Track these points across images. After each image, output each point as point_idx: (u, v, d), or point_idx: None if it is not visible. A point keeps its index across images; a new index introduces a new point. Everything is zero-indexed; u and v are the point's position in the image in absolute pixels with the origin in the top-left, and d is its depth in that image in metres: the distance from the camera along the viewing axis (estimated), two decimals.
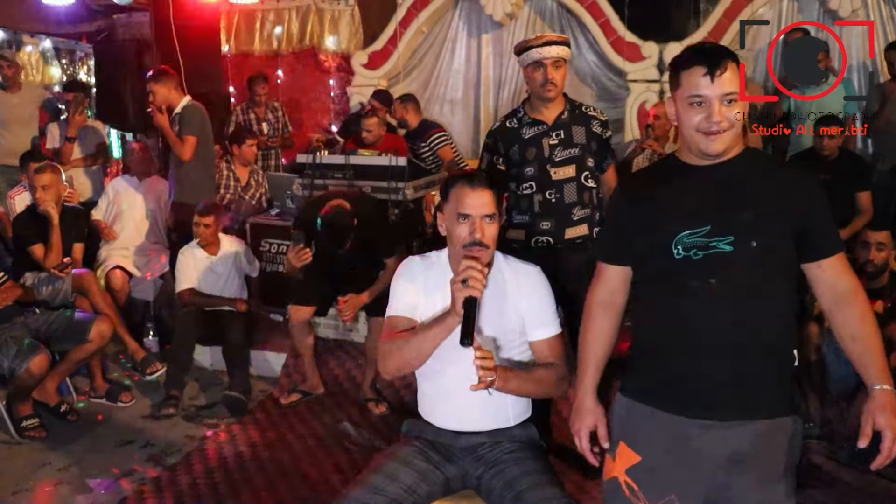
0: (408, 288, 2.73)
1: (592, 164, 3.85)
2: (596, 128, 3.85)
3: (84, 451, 4.39)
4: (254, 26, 8.25)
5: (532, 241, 3.82)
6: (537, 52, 3.69)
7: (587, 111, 3.90)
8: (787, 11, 7.17)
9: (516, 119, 3.90)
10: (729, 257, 2.03)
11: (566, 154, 3.78)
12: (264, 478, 4.07)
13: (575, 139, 3.80)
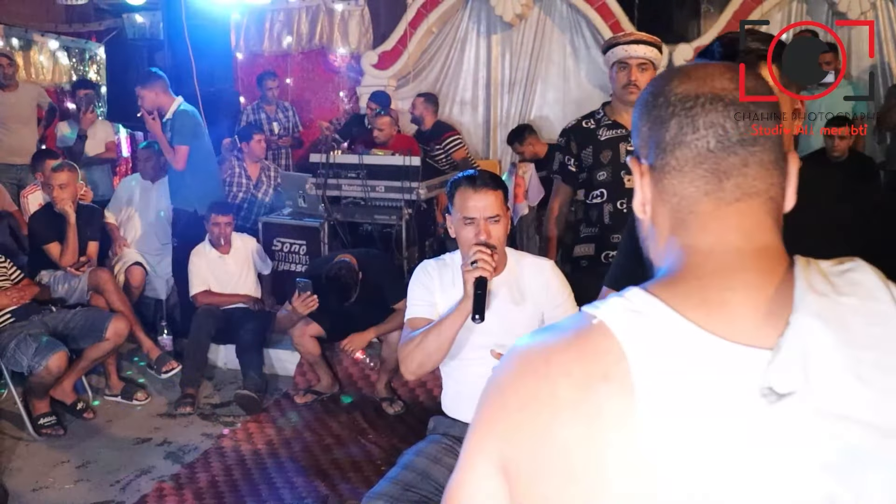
0: (425, 288, 2.76)
1: None
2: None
3: (102, 449, 4.41)
4: (263, 26, 8.26)
5: (602, 255, 3.53)
6: (623, 50, 3.45)
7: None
8: (796, 13, 7.19)
9: (594, 120, 3.66)
10: None
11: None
12: (282, 475, 4.09)
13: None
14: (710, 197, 0.91)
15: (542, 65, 7.79)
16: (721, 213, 0.91)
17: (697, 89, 0.92)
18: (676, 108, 0.93)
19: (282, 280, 5.99)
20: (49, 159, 5.73)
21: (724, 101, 0.91)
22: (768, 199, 0.92)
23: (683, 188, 0.92)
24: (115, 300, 5.00)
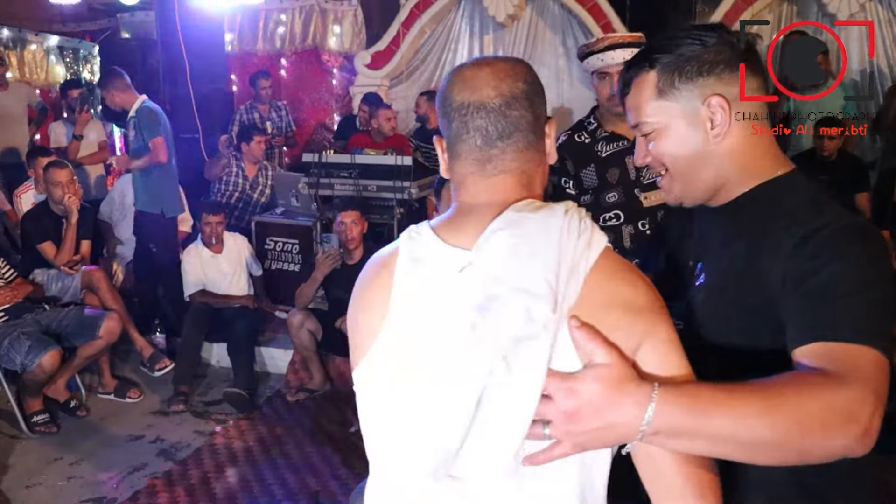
0: None
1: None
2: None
3: (95, 446, 4.44)
4: (257, 25, 8.29)
5: None
6: (599, 60, 3.04)
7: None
8: (787, 14, 7.25)
9: (586, 132, 3.19)
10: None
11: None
12: (274, 472, 4.12)
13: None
14: (474, 176, 1.30)
15: (535, 65, 7.54)
16: (481, 184, 1.29)
17: (469, 98, 1.27)
18: (455, 115, 1.28)
19: (274, 279, 6.03)
20: (42, 157, 5.77)
21: (486, 108, 1.26)
22: (521, 173, 1.29)
23: (461, 168, 1.31)
24: (108, 299, 5.02)
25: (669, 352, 1.21)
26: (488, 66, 1.29)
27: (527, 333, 1.13)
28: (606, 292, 1.20)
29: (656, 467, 1.22)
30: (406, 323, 1.24)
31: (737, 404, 1.11)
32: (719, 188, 1.47)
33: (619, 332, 1.18)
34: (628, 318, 1.19)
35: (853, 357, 1.18)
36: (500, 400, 1.14)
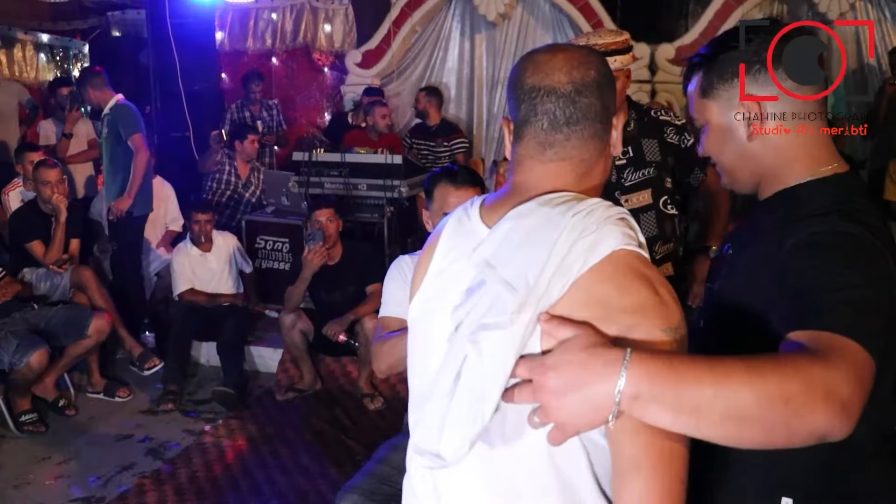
0: (399, 287, 2.74)
1: (671, 186, 3.10)
2: (671, 137, 3.08)
3: (83, 446, 4.44)
4: (248, 24, 8.28)
5: None
6: None
7: (658, 116, 3.14)
8: (777, 14, 7.26)
9: None
10: None
11: (639, 176, 3.04)
12: (263, 471, 4.13)
13: (648, 156, 3.06)
14: (533, 160, 1.32)
15: None
16: (538, 168, 1.32)
17: (540, 82, 1.29)
18: (525, 97, 1.30)
19: (265, 278, 6.02)
20: (29, 152, 5.76)
21: (556, 93, 1.28)
22: (579, 162, 1.32)
23: (522, 150, 1.34)
24: (97, 298, 5.01)
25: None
26: (562, 52, 1.32)
27: (494, 322, 1.18)
28: (591, 293, 1.18)
29: (617, 441, 1.18)
30: (433, 291, 1.37)
31: (718, 373, 1.10)
32: (759, 183, 1.54)
33: (603, 322, 1.17)
34: (599, 317, 1.17)
35: (840, 345, 1.18)
36: (471, 381, 1.19)
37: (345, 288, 4.93)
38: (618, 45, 2.94)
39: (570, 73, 1.28)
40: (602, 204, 1.25)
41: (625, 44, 2.96)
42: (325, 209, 4.91)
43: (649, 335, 1.16)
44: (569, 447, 1.20)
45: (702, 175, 3.13)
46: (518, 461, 1.25)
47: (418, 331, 1.42)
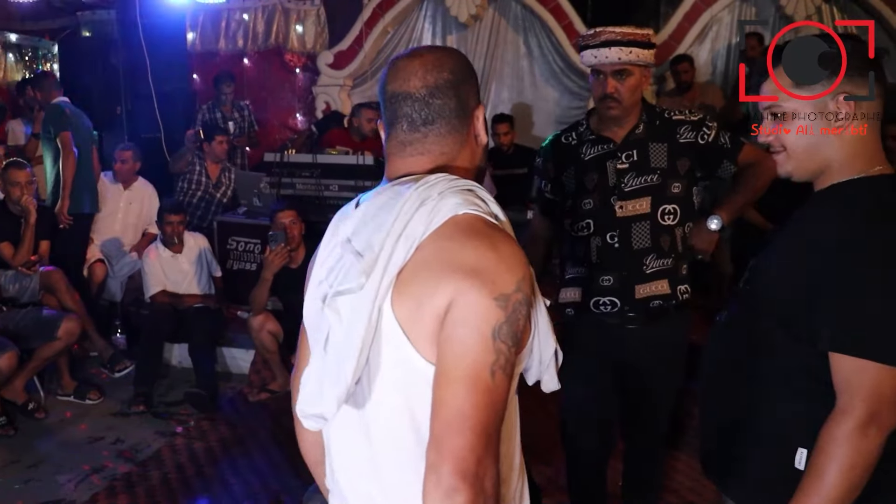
0: None
1: (680, 191, 2.84)
2: (687, 135, 2.84)
3: (53, 449, 4.41)
4: (219, 25, 8.24)
5: (591, 302, 2.87)
6: (592, 56, 2.73)
7: (672, 116, 2.89)
8: (745, 14, 7.35)
9: (575, 134, 2.95)
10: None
11: (639, 182, 2.81)
12: (235, 472, 4.12)
13: (653, 161, 2.82)
14: (394, 157, 1.44)
15: (497, 65, 7.89)
16: (398, 163, 1.43)
17: (398, 88, 1.41)
18: (387, 102, 1.43)
19: (237, 279, 6.00)
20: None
21: (412, 97, 1.40)
22: (439, 155, 1.42)
23: (389, 149, 1.45)
24: (66, 299, 4.99)
25: (460, 322, 1.23)
26: (419, 56, 1.43)
27: (346, 288, 1.31)
28: (430, 251, 1.28)
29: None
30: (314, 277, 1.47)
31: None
32: (823, 173, 1.70)
33: (428, 288, 1.26)
34: (439, 273, 1.25)
35: (858, 375, 1.52)
36: (335, 345, 1.32)
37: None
38: (636, 37, 2.72)
39: (424, 77, 1.40)
40: (448, 177, 1.36)
41: (645, 37, 2.75)
42: (288, 211, 4.92)
43: (476, 305, 1.23)
44: (426, 402, 1.26)
45: (733, 167, 2.89)
46: (380, 419, 1.35)
47: (306, 314, 1.49)
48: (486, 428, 1.21)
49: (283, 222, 4.86)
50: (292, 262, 4.94)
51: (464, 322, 1.22)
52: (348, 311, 1.30)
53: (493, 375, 1.22)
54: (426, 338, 1.26)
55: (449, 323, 1.23)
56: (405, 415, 1.31)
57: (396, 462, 1.34)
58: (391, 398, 1.32)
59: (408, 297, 1.27)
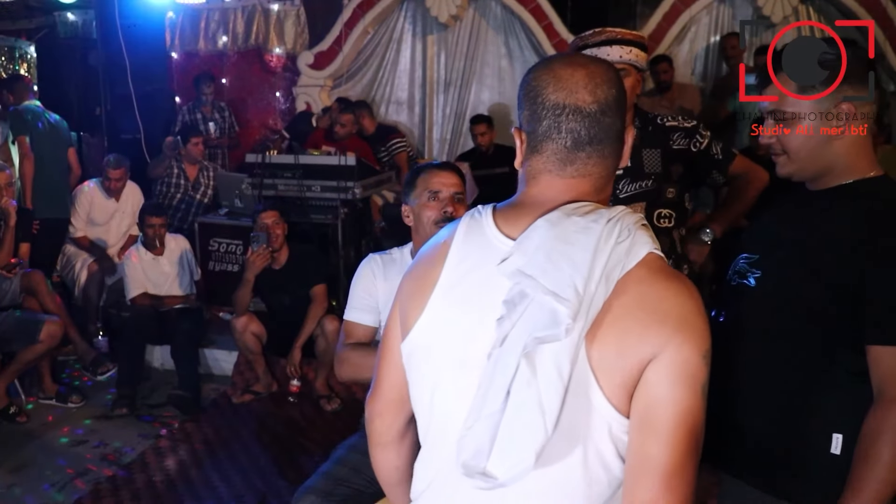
0: (367, 289, 2.73)
1: (674, 196, 2.92)
2: (680, 142, 2.87)
3: (36, 453, 4.38)
4: (199, 25, 8.19)
5: None
6: (592, 54, 2.67)
7: (664, 122, 2.91)
8: (723, 15, 7.41)
9: None
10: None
11: (634, 188, 2.84)
12: (220, 474, 4.12)
13: (647, 167, 2.86)
14: (552, 174, 1.33)
15: (477, 65, 7.90)
16: (557, 183, 1.33)
17: (565, 99, 1.29)
18: (548, 113, 1.30)
19: (219, 280, 5.99)
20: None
21: (582, 112, 1.29)
22: (598, 178, 1.34)
23: (539, 164, 1.34)
24: (48, 302, 4.96)
25: (678, 381, 1.19)
26: (583, 67, 1.30)
27: (549, 335, 1.17)
28: (632, 296, 1.21)
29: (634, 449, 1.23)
30: (456, 296, 1.33)
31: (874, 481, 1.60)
32: (824, 175, 1.76)
33: (632, 336, 1.20)
34: (646, 322, 1.20)
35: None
36: (526, 398, 1.17)
37: (293, 291, 4.95)
38: (637, 38, 2.76)
39: (594, 91, 1.29)
40: (626, 210, 1.29)
41: (644, 40, 2.77)
42: (271, 211, 4.92)
43: (690, 363, 1.21)
44: (607, 459, 1.25)
45: (722, 179, 2.95)
46: (554, 476, 1.25)
47: (435, 347, 1.35)
48: (693, 485, 1.21)
49: (266, 223, 4.86)
50: (275, 262, 4.94)
51: (681, 380, 1.20)
52: (549, 359, 1.18)
53: (702, 434, 1.22)
54: (621, 387, 1.21)
55: (661, 378, 1.20)
56: (578, 468, 1.25)
57: None
58: (568, 448, 1.23)
59: (607, 344, 1.21)
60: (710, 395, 1.29)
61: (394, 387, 1.50)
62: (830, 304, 1.66)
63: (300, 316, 4.88)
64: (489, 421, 1.20)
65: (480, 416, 1.21)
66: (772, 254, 1.82)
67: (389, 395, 1.52)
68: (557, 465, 1.23)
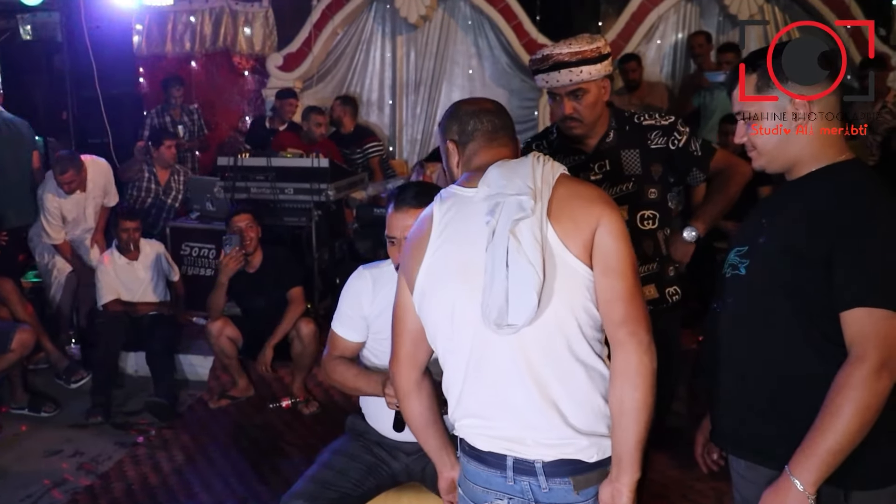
0: (353, 304, 2.72)
1: (657, 196, 2.86)
2: (658, 141, 2.84)
3: (10, 464, 4.32)
4: (166, 27, 8.12)
5: None
6: (544, 80, 2.72)
7: (641, 121, 2.87)
8: (690, 15, 7.49)
9: (546, 142, 2.98)
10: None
11: (615, 192, 2.79)
12: (200, 480, 4.09)
13: (626, 169, 2.83)
14: (485, 148, 2.00)
15: (447, 65, 7.92)
16: (490, 152, 1.99)
17: (477, 107, 2.05)
18: (469, 117, 2.02)
19: (191, 284, 5.93)
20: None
21: (490, 111, 2.04)
22: (512, 148, 2.05)
23: (475, 146, 2.01)
24: (18, 310, 4.89)
25: (618, 238, 1.81)
26: (477, 98, 2.17)
27: (522, 215, 1.76)
28: (567, 190, 1.85)
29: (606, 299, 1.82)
30: (446, 237, 1.88)
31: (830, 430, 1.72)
32: (794, 165, 1.91)
33: (581, 212, 1.81)
34: (585, 205, 1.83)
35: (867, 322, 1.71)
36: (518, 259, 1.74)
37: (268, 294, 4.93)
38: (585, 55, 2.64)
39: (491, 102, 2.10)
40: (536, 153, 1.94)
41: (595, 52, 2.65)
42: (244, 214, 4.89)
43: (619, 223, 1.83)
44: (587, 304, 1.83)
45: (703, 176, 2.94)
46: (556, 322, 1.81)
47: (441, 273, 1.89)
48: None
49: (239, 226, 4.83)
50: (249, 266, 4.91)
51: (621, 237, 1.82)
52: (527, 232, 1.75)
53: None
54: (583, 248, 1.79)
55: (608, 238, 1.80)
56: (568, 311, 1.80)
57: (562, 357, 1.82)
58: (560, 301, 1.79)
59: (563, 221, 1.79)
60: (719, 382, 2.00)
61: (407, 345, 2.02)
62: (808, 281, 1.80)
63: (275, 319, 4.86)
64: (500, 286, 1.74)
65: (493, 286, 1.75)
66: (756, 241, 1.95)
67: (404, 352, 2.03)
68: (556, 314, 1.79)
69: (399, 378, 2.07)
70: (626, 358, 1.81)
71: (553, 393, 1.83)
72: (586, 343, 1.84)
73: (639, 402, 1.80)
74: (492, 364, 1.86)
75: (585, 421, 1.86)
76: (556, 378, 1.83)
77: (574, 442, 1.85)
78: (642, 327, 1.82)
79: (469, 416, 1.94)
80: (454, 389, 1.95)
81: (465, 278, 1.84)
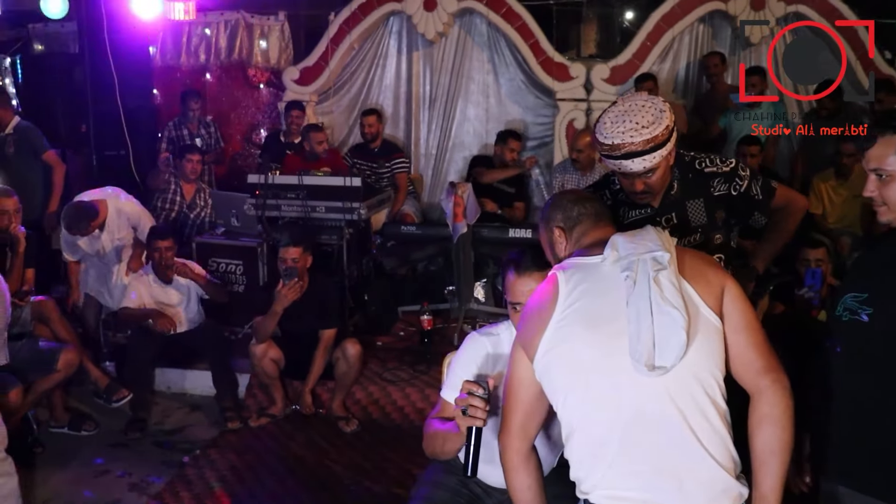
0: (468, 371, 2.64)
1: (722, 241, 2.93)
2: (720, 188, 2.85)
3: (62, 484, 4.33)
4: (181, 39, 8.11)
5: None
6: (615, 164, 2.64)
7: (703, 168, 2.86)
8: (703, 35, 7.62)
9: (609, 192, 2.95)
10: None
11: (683, 243, 2.77)
12: (254, 502, 4.12)
13: (692, 220, 2.85)
14: (592, 229, 2.23)
15: (463, 81, 7.97)
16: (596, 232, 2.21)
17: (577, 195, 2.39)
18: (574, 205, 2.29)
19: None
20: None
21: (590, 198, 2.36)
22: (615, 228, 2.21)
23: (583, 228, 2.25)
24: (60, 330, 4.89)
25: (744, 301, 2.03)
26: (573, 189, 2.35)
27: (660, 267, 1.93)
28: (690, 254, 2.10)
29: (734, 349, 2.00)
30: (576, 297, 2.00)
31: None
32: None
33: (710, 274, 2.03)
34: (711, 269, 2.07)
35: None
36: (664, 308, 1.88)
37: (307, 319, 4.97)
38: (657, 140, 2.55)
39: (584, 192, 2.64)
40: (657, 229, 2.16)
41: (665, 134, 2.55)
42: (293, 248, 4.87)
43: (738, 288, 2.06)
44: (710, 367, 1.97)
45: (764, 219, 2.97)
46: (700, 361, 1.95)
47: (574, 340, 1.98)
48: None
49: (286, 258, 4.86)
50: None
51: (742, 298, 2.03)
52: (666, 281, 1.92)
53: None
54: (714, 303, 1.97)
55: (733, 300, 2.01)
56: (709, 359, 1.95)
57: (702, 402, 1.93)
58: (697, 349, 1.93)
59: (696, 279, 1.98)
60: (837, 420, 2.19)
61: (519, 416, 2.09)
62: None
63: (314, 340, 4.92)
64: (647, 332, 1.87)
65: (640, 333, 1.87)
66: (881, 293, 2.11)
67: (516, 424, 2.09)
68: (698, 361, 1.92)
69: (509, 451, 2.10)
70: (773, 402, 1.96)
71: (703, 438, 1.93)
72: (720, 392, 1.97)
73: (786, 443, 1.95)
74: (649, 416, 1.93)
75: (733, 467, 1.98)
76: (704, 425, 1.94)
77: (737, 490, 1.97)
78: (783, 374, 1.99)
79: (620, 487, 1.95)
80: (605, 450, 1.96)
81: (604, 330, 1.95)
